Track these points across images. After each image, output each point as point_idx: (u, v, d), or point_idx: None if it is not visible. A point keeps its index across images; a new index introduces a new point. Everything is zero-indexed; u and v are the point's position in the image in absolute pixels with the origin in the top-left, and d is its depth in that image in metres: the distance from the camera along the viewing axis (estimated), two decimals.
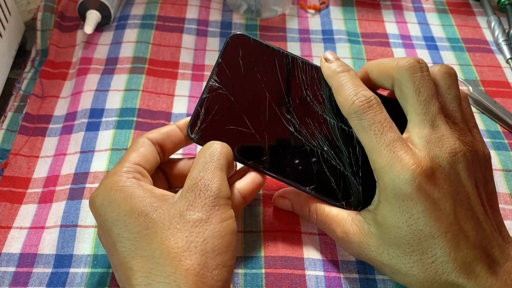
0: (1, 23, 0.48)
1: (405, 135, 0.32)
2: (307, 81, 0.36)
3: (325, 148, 0.35)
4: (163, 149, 0.35)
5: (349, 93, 0.32)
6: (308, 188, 0.35)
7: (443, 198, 0.30)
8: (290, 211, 0.38)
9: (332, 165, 0.35)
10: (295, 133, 0.35)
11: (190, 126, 0.35)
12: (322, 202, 0.35)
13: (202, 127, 0.35)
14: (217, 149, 0.32)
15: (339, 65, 0.34)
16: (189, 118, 0.36)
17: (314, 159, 0.35)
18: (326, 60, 0.35)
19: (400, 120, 0.32)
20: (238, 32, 0.36)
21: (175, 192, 0.31)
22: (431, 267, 0.30)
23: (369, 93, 0.32)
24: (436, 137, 0.31)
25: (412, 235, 0.30)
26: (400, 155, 0.30)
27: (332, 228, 0.34)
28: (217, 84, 0.35)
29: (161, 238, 0.28)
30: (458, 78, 0.51)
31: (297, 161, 0.35)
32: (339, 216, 0.34)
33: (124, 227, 0.28)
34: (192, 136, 0.35)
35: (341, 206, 0.35)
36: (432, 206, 0.30)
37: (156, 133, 0.35)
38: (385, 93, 0.36)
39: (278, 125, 0.35)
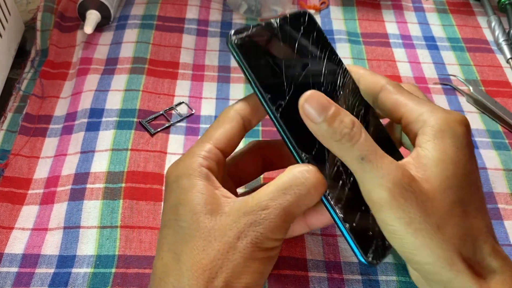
0: (1, 23, 0.48)
1: None
2: (338, 77, 0.34)
3: None
4: (249, 124, 0.32)
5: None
6: (304, 154, 0.30)
7: (474, 156, 0.29)
8: None
9: None
10: None
11: (235, 32, 0.31)
12: None
13: (246, 39, 0.31)
14: (306, 186, 0.28)
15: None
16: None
17: None
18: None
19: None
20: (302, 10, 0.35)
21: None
22: (469, 224, 0.27)
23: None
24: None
25: (459, 178, 0.28)
26: (437, 107, 0.30)
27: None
28: (264, 29, 0.33)
29: (195, 244, 0.27)
30: (459, 78, 0.52)
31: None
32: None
33: (176, 216, 0.28)
34: (233, 38, 0.31)
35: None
36: (473, 156, 0.29)
37: (246, 107, 0.32)
38: None
39: (305, 86, 0.31)
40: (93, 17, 0.52)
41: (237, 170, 0.35)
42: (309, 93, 0.28)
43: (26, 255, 0.36)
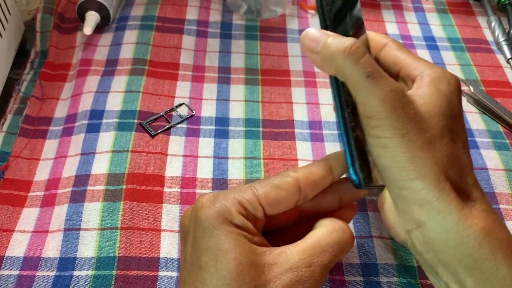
0: (1, 23, 0.48)
1: None
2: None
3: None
4: (304, 198, 0.32)
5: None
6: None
7: (462, 106, 0.32)
8: None
9: None
10: None
11: (358, 172, 0.30)
12: None
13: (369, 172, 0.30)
14: (341, 246, 0.30)
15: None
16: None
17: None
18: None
19: None
20: None
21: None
22: (457, 152, 0.29)
23: None
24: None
25: (451, 112, 0.30)
26: (433, 64, 0.32)
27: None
28: None
29: None
30: (459, 78, 0.52)
31: None
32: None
33: (215, 262, 0.27)
34: (365, 182, 0.30)
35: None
36: (462, 106, 0.31)
37: (308, 180, 0.31)
38: None
39: None
40: (92, 18, 0.52)
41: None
42: (305, 30, 0.30)
43: (27, 258, 0.36)
